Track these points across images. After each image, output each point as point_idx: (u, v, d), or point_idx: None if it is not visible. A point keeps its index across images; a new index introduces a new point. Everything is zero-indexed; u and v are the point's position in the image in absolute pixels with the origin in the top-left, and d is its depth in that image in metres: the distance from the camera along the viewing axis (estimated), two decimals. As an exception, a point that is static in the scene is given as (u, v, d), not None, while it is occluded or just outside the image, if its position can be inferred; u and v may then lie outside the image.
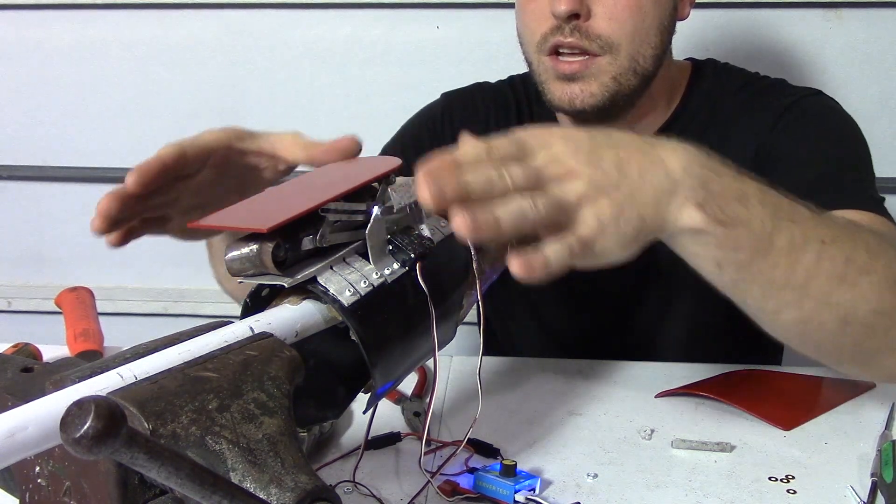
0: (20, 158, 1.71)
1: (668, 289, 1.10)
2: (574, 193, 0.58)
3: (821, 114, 1.02)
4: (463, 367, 0.97)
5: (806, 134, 0.99)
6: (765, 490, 0.74)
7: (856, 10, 1.46)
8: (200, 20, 1.60)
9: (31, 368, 0.57)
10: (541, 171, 0.58)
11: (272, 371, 0.53)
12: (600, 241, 0.59)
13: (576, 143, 0.60)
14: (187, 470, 0.40)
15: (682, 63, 1.10)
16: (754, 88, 1.06)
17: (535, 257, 0.57)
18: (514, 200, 0.56)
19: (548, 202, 0.57)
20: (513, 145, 0.59)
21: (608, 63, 0.95)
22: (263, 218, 0.58)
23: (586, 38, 0.94)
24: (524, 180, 0.57)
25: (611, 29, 0.94)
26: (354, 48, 1.57)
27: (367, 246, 0.62)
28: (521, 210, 0.56)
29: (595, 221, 0.58)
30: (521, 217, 0.56)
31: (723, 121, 1.04)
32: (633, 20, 0.95)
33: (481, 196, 0.56)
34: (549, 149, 0.59)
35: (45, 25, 1.63)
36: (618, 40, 0.95)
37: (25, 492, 0.56)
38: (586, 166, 0.59)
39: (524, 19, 1.00)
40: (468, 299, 0.72)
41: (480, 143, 0.59)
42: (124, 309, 1.76)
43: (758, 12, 1.47)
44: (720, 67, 1.10)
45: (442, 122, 1.16)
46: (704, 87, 1.07)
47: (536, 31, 0.97)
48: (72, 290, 1.10)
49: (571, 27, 0.94)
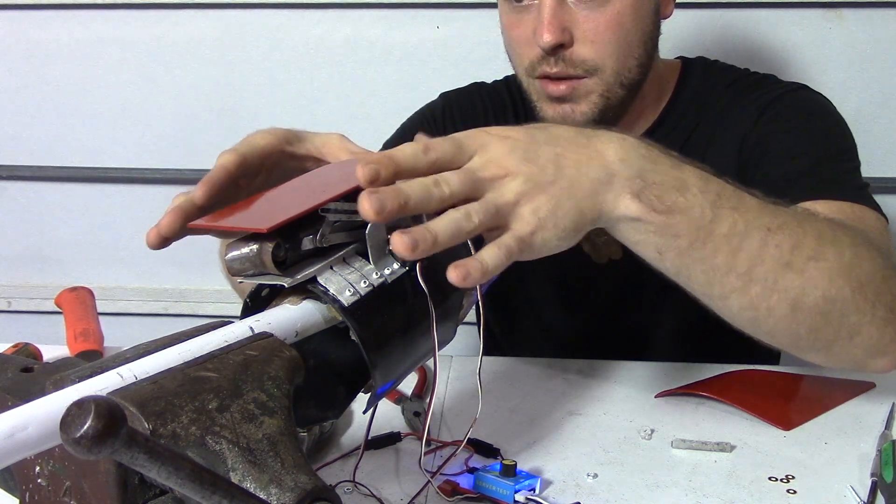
0: (20, 158, 1.71)
1: (666, 288, 1.09)
2: (511, 192, 0.61)
3: (803, 106, 1.03)
4: (463, 367, 0.97)
5: (788, 126, 1.00)
6: (765, 490, 0.74)
7: (856, 10, 1.46)
8: (200, 20, 1.60)
9: (31, 368, 0.57)
10: (477, 173, 0.61)
11: (272, 371, 0.53)
12: (539, 236, 0.61)
13: (512, 142, 0.63)
14: (187, 470, 0.40)
15: (672, 62, 1.10)
16: (742, 84, 1.07)
17: (471, 263, 0.58)
18: (450, 215, 0.58)
19: (483, 211, 0.59)
20: (451, 146, 0.61)
21: (595, 83, 0.97)
22: (263, 218, 0.58)
23: (571, 65, 0.95)
24: (460, 186, 0.59)
25: (594, 52, 0.95)
26: (354, 48, 1.57)
27: (367, 246, 0.62)
28: (458, 225, 0.58)
29: (533, 218, 0.61)
30: (457, 231, 0.58)
31: (711, 117, 1.05)
32: (615, 39, 0.95)
33: (418, 208, 0.58)
34: (486, 149, 0.62)
35: (45, 25, 1.63)
36: (602, 62, 0.96)
37: (25, 492, 0.56)
38: (523, 164, 0.61)
39: (510, 44, 1.01)
40: (468, 299, 0.72)
41: (418, 144, 0.60)
42: (124, 309, 1.76)
43: (757, 12, 1.47)
44: (709, 64, 1.11)
45: (443, 123, 1.16)
46: (693, 84, 1.08)
47: (524, 57, 0.98)
48: (72, 290, 1.10)
49: (556, 57, 0.95)
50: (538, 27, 0.94)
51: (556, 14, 0.93)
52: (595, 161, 0.64)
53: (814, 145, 0.97)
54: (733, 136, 1.02)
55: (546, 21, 0.93)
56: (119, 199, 1.71)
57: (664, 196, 0.65)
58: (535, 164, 0.62)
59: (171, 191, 1.86)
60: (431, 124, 1.16)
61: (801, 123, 1.00)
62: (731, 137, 1.03)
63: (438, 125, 1.16)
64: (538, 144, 0.63)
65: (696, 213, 0.66)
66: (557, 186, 0.62)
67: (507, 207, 0.60)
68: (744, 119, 1.02)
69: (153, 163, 1.68)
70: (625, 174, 0.64)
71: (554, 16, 0.93)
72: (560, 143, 0.64)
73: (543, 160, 0.62)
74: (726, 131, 1.03)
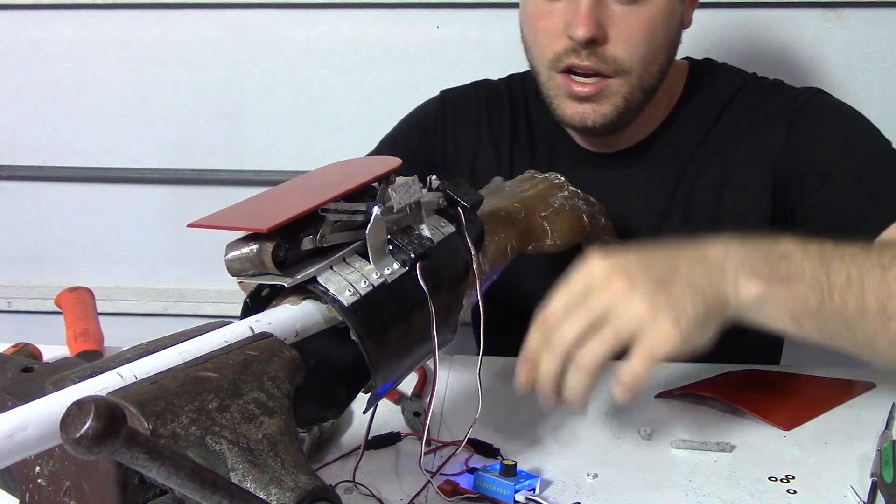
0: (20, 158, 1.71)
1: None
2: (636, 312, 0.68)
3: (832, 115, 1.02)
4: (463, 367, 0.97)
5: (825, 140, 0.99)
6: (765, 490, 0.74)
7: (856, 10, 1.45)
8: (200, 20, 1.59)
9: (31, 368, 0.57)
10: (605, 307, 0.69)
11: (272, 371, 0.53)
12: (678, 330, 0.67)
13: (629, 275, 0.69)
14: (187, 470, 0.40)
15: (679, 62, 1.10)
16: (753, 90, 1.06)
17: (627, 377, 0.67)
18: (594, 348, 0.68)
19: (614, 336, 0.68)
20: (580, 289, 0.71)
21: (619, 85, 0.96)
22: (263, 218, 0.58)
23: (602, 61, 0.95)
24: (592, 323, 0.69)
25: (626, 53, 0.95)
26: (354, 48, 1.57)
27: (367, 246, 0.62)
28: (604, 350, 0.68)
29: (662, 315, 0.67)
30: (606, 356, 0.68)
31: (727, 125, 1.04)
32: (645, 43, 0.95)
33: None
34: (610, 286, 0.69)
35: (45, 25, 1.62)
36: (631, 64, 0.96)
37: (25, 492, 0.56)
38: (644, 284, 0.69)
39: (535, 35, 0.99)
40: (468, 299, 0.72)
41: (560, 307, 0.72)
42: (124, 309, 1.76)
43: (758, 12, 1.47)
44: (717, 67, 1.11)
45: (434, 124, 1.16)
46: (703, 87, 1.08)
47: (549, 49, 0.97)
48: (72, 290, 1.10)
49: (588, 51, 0.94)
50: (574, 19, 0.93)
51: (594, 8, 0.92)
52: (703, 259, 0.71)
53: (860, 155, 0.97)
54: (760, 150, 1.02)
55: (584, 14, 0.92)
56: (119, 199, 1.71)
57: (775, 268, 0.70)
58: (651, 273, 0.69)
59: (171, 191, 1.88)
60: (423, 125, 1.16)
61: (837, 136, 0.99)
62: (758, 151, 1.02)
63: (430, 127, 1.16)
64: (650, 260, 0.71)
65: (809, 273, 0.70)
66: (677, 285, 0.69)
67: (635, 314, 0.68)
68: (769, 132, 1.01)
69: (153, 163, 1.68)
70: (732, 262, 0.70)
71: (592, 10, 0.92)
72: (668, 252, 0.71)
73: (658, 268, 0.70)
74: (749, 143, 1.03)
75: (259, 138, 1.64)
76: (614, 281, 0.69)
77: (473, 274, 0.71)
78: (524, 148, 1.13)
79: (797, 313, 0.70)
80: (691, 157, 1.05)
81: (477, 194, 0.73)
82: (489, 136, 1.14)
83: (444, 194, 0.71)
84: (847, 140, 0.99)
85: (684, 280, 0.69)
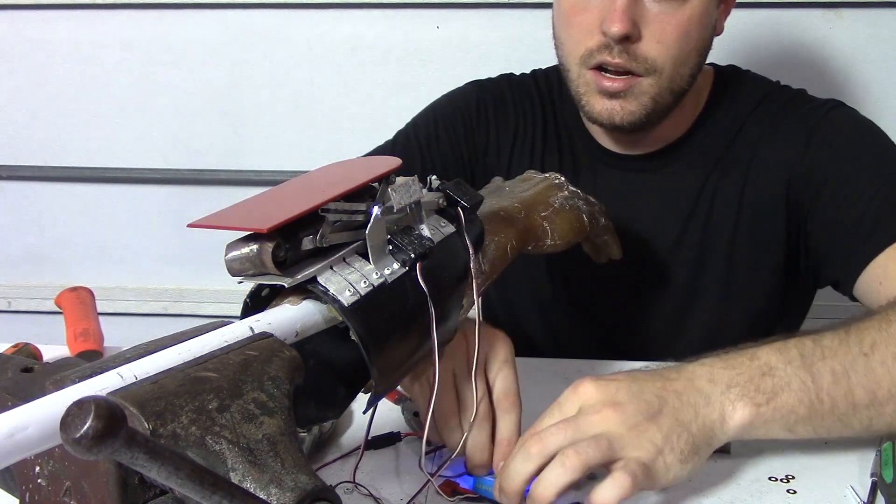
0: (20, 158, 1.71)
1: (667, 289, 1.10)
2: (624, 426, 0.68)
3: (848, 130, 1.01)
4: (463, 367, 0.96)
5: (840, 153, 0.99)
6: (765, 490, 0.74)
7: (856, 10, 1.46)
8: (200, 20, 1.60)
9: (31, 368, 0.57)
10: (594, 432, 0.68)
11: (272, 371, 0.53)
12: (661, 461, 0.68)
13: (619, 405, 0.69)
14: (187, 470, 0.40)
15: (706, 69, 1.09)
16: (775, 102, 1.06)
17: (597, 500, 0.66)
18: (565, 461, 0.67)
19: (597, 453, 0.67)
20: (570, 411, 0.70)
21: (650, 84, 0.96)
22: (263, 218, 0.58)
23: (634, 59, 0.95)
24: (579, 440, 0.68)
25: (658, 52, 0.95)
26: (354, 48, 1.57)
27: (367, 246, 0.62)
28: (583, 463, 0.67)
29: (651, 446, 0.67)
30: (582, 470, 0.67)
31: (751, 134, 1.04)
32: (679, 44, 0.95)
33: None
34: (600, 412, 0.69)
35: (45, 25, 1.63)
36: (662, 64, 0.95)
37: (25, 492, 0.56)
38: (633, 416, 0.69)
39: (569, 31, 0.99)
40: (468, 299, 0.72)
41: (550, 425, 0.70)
42: (124, 309, 1.76)
43: (758, 12, 1.47)
44: (743, 74, 1.11)
45: (477, 117, 1.16)
46: (729, 94, 1.08)
47: (581, 45, 0.97)
48: (72, 290, 1.10)
49: (620, 48, 0.94)
50: (609, 15, 0.93)
51: (630, 5, 0.92)
52: (690, 389, 0.71)
53: (876, 174, 0.96)
54: (778, 161, 1.02)
55: (620, 10, 0.92)
56: (119, 199, 1.71)
57: (760, 387, 0.71)
58: (639, 404, 0.69)
59: (172, 191, 1.88)
60: (466, 117, 1.15)
61: (854, 153, 0.99)
62: (776, 161, 1.02)
63: (472, 120, 1.15)
64: (641, 385, 0.70)
65: (795, 382, 0.71)
66: (664, 416, 0.69)
67: (622, 440, 0.67)
68: (789, 144, 1.01)
69: (153, 163, 1.68)
70: (718, 389, 0.71)
71: (628, 7, 0.92)
72: (657, 383, 0.71)
73: (647, 400, 0.69)
74: (768, 153, 1.03)
75: (259, 138, 1.64)
76: (604, 409, 0.69)
77: (473, 274, 0.71)
78: (553, 146, 1.13)
79: (788, 424, 0.72)
80: (715, 166, 1.05)
81: (477, 194, 0.73)
82: (524, 133, 1.14)
83: (443, 194, 0.71)
84: (861, 155, 0.98)
85: (671, 415, 0.69)
